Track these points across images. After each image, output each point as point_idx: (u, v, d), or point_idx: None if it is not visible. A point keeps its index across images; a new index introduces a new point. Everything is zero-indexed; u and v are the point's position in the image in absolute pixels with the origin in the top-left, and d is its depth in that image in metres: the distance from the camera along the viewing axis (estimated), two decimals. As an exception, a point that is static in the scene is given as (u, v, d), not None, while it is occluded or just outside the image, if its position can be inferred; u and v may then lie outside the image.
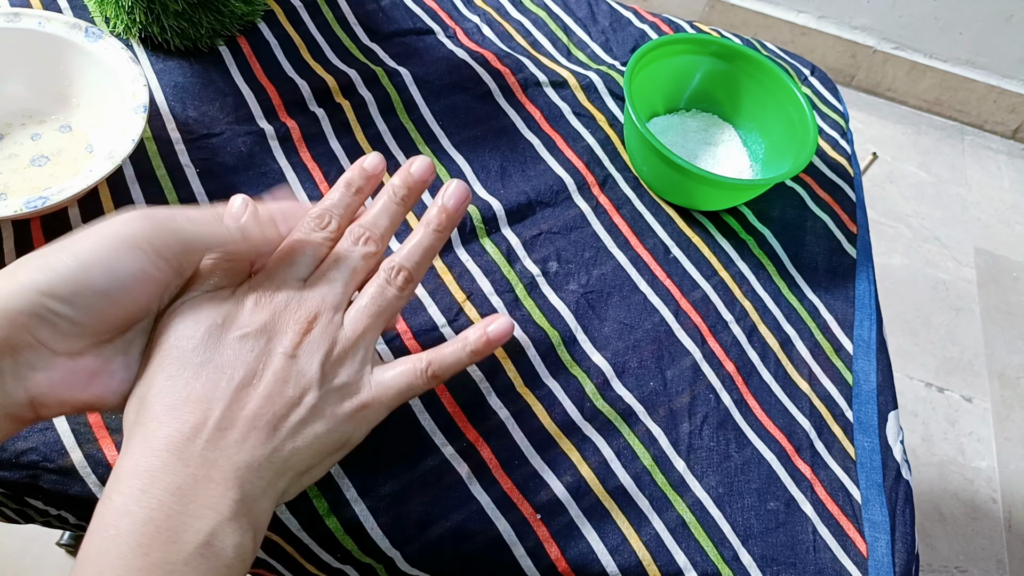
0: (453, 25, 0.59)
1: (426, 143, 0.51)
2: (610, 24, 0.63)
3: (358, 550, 0.36)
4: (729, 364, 0.46)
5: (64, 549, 0.92)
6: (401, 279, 0.34)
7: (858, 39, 1.67)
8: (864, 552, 0.41)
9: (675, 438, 0.42)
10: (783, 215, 0.54)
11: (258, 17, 0.54)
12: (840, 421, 0.46)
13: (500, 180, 0.50)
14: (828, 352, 0.49)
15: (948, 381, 1.30)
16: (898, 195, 1.57)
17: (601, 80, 0.58)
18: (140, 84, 0.43)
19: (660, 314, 0.47)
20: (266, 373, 0.30)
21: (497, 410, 0.41)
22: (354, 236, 0.34)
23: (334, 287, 0.33)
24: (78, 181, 0.39)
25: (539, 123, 0.54)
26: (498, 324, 0.35)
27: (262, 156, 0.47)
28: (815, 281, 0.52)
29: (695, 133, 0.57)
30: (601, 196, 0.52)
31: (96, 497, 0.35)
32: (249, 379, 0.30)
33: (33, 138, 0.44)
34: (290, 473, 0.30)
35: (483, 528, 0.37)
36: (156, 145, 0.46)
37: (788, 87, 0.53)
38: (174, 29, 0.49)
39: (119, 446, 0.36)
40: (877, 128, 1.70)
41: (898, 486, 0.44)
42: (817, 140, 0.51)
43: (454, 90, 0.54)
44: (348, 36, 0.55)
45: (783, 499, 0.42)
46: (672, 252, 0.50)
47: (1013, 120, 1.72)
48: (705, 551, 0.39)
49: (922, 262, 1.46)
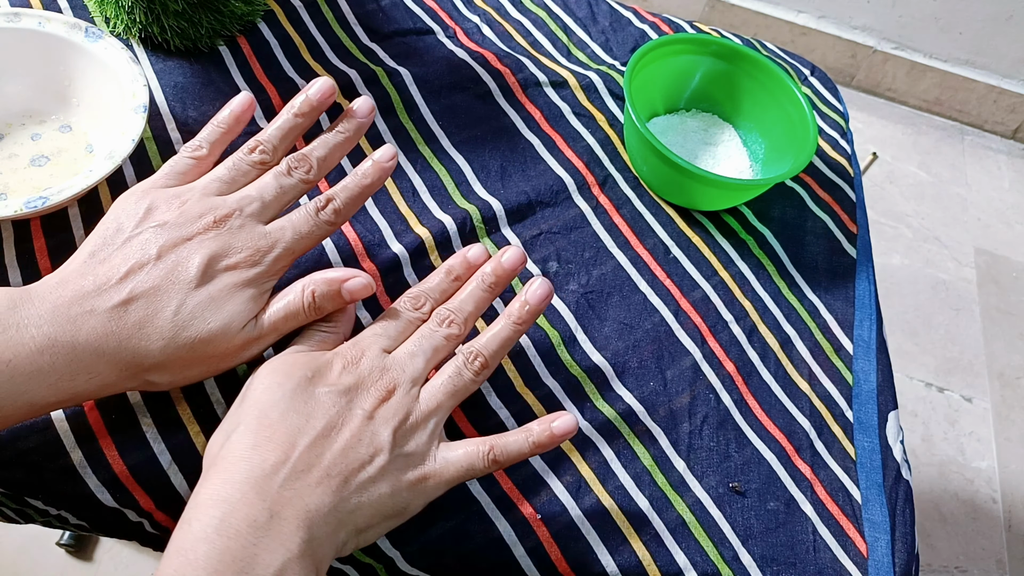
0: (453, 25, 0.59)
1: (426, 143, 0.51)
2: (610, 24, 0.63)
3: (358, 549, 0.36)
4: (729, 364, 0.46)
5: (64, 549, 0.92)
6: (478, 364, 0.37)
7: (858, 39, 1.67)
8: (864, 552, 0.41)
9: (675, 438, 0.42)
10: (783, 215, 0.54)
11: (258, 17, 0.54)
12: (840, 421, 0.46)
13: (500, 180, 0.50)
14: (828, 352, 0.49)
15: (948, 381, 1.31)
16: (898, 195, 1.57)
17: (601, 80, 0.58)
18: (140, 84, 0.43)
19: (660, 314, 0.47)
20: (344, 428, 0.33)
21: (497, 410, 0.41)
22: (440, 318, 0.37)
23: (415, 362, 0.36)
24: (78, 181, 0.39)
25: (539, 123, 0.54)
26: (563, 421, 0.37)
27: (262, 156, 0.47)
28: (815, 281, 0.52)
29: (695, 133, 0.57)
30: (601, 196, 0.52)
31: (96, 497, 0.35)
32: (329, 431, 0.33)
33: (33, 138, 0.45)
34: (351, 527, 0.32)
35: (483, 528, 0.37)
36: (156, 145, 0.46)
37: (788, 87, 0.53)
38: (174, 29, 0.49)
39: (119, 446, 0.36)
40: (877, 128, 1.70)
41: (898, 486, 0.44)
42: (817, 140, 0.51)
43: (454, 90, 0.54)
44: (348, 36, 0.55)
45: (783, 499, 0.42)
46: (672, 252, 0.50)
47: (1013, 120, 1.72)
48: (705, 551, 0.39)
49: (922, 262, 1.46)
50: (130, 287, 0.33)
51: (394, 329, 0.37)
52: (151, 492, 0.36)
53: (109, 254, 0.34)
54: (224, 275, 0.34)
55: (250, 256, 0.35)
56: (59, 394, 0.31)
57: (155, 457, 0.36)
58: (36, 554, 0.92)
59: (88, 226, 0.42)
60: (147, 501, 0.36)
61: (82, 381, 0.32)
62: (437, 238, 0.46)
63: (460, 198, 0.48)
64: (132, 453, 0.36)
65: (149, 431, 0.36)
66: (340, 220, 0.38)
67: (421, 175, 0.49)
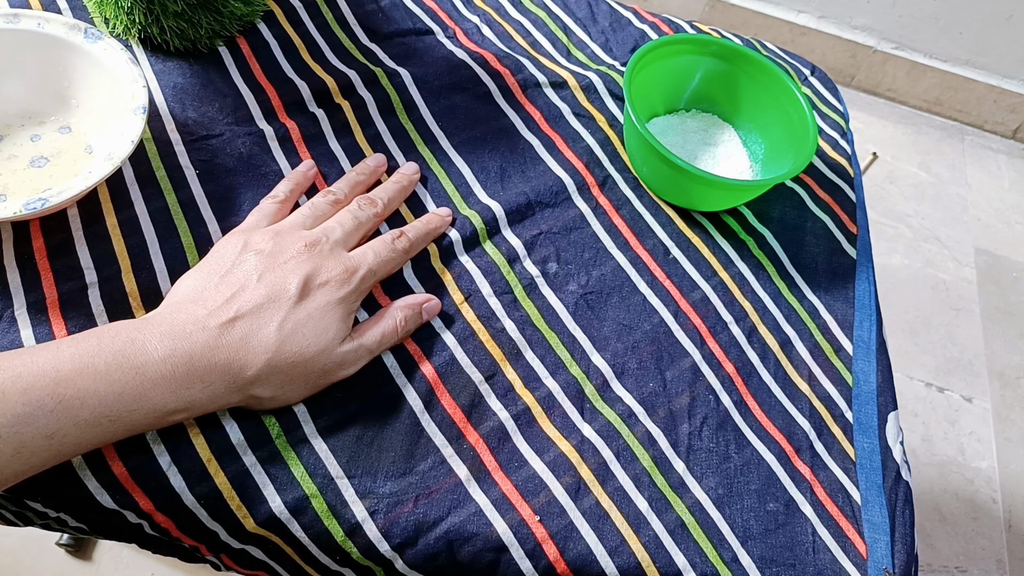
0: (453, 25, 0.59)
1: (426, 144, 0.51)
2: (610, 24, 0.63)
3: (357, 552, 0.36)
4: (729, 365, 0.46)
5: (64, 549, 0.92)
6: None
7: (858, 39, 1.66)
8: (863, 553, 0.41)
9: (675, 439, 0.42)
10: (783, 216, 0.54)
11: (257, 18, 0.54)
12: (840, 422, 0.46)
13: (500, 181, 0.50)
14: (828, 353, 0.49)
15: (948, 381, 1.30)
16: (898, 195, 1.57)
17: (601, 80, 0.57)
18: (139, 85, 0.43)
19: (659, 315, 0.47)
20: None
21: (497, 411, 0.41)
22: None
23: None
24: (77, 182, 0.39)
25: (539, 124, 0.54)
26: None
27: (262, 157, 0.47)
28: (815, 282, 0.52)
29: (695, 133, 0.57)
30: (601, 197, 0.52)
31: (95, 499, 0.35)
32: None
33: (32, 139, 0.44)
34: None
35: (482, 530, 0.37)
36: (156, 146, 0.46)
37: (788, 87, 0.53)
38: (173, 30, 0.49)
39: (118, 448, 0.36)
40: (877, 128, 1.69)
41: (898, 487, 0.44)
42: (817, 140, 0.51)
43: (453, 91, 0.54)
44: (348, 36, 0.55)
45: (783, 500, 0.42)
46: (672, 253, 0.50)
47: (1013, 120, 1.71)
48: (704, 552, 0.39)
49: (922, 262, 1.46)
50: (236, 306, 0.36)
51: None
52: (150, 494, 0.36)
53: (216, 283, 0.37)
54: (319, 293, 0.38)
55: (340, 275, 0.39)
56: (179, 401, 0.34)
57: (154, 459, 0.36)
58: (36, 554, 0.92)
59: (88, 226, 0.42)
60: (147, 503, 0.36)
61: (197, 390, 0.34)
62: (440, 245, 0.46)
63: (461, 203, 0.48)
64: (131, 455, 0.36)
65: (149, 433, 0.36)
66: (411, 248, 0.44)
67: (423, 181, 0.49)
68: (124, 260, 0.41)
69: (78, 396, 0.31)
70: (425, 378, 0.41)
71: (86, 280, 0.40)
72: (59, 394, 0.31)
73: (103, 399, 0.32)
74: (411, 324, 0.41)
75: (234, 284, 0.37)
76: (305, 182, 0.46)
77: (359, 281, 0.40)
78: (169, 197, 0.44)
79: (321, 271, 0.39)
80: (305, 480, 0.37)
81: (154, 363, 0.33)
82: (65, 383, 0.31)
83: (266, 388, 0.36)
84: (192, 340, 0.34)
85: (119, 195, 0.43)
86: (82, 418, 0.31)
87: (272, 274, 0.38)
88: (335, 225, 0.42)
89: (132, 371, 0.33)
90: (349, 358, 0.39)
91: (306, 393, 0.38)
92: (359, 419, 0.39)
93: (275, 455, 0.37)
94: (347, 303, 0.39)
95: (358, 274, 0.40)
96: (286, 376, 0.36)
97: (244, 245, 0.39)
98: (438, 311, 0.43)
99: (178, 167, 0.45)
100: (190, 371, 0.34)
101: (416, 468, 0.38)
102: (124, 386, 0.32)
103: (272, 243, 0.39)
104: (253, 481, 0.36)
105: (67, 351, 0.32)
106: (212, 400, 0.35)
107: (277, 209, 0.43)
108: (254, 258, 0.38)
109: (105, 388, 0.32)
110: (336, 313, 0.38)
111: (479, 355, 0.42)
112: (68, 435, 0.31)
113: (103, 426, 0.32)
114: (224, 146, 0.47)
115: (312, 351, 0.37)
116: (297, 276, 0.38)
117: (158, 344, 0.34)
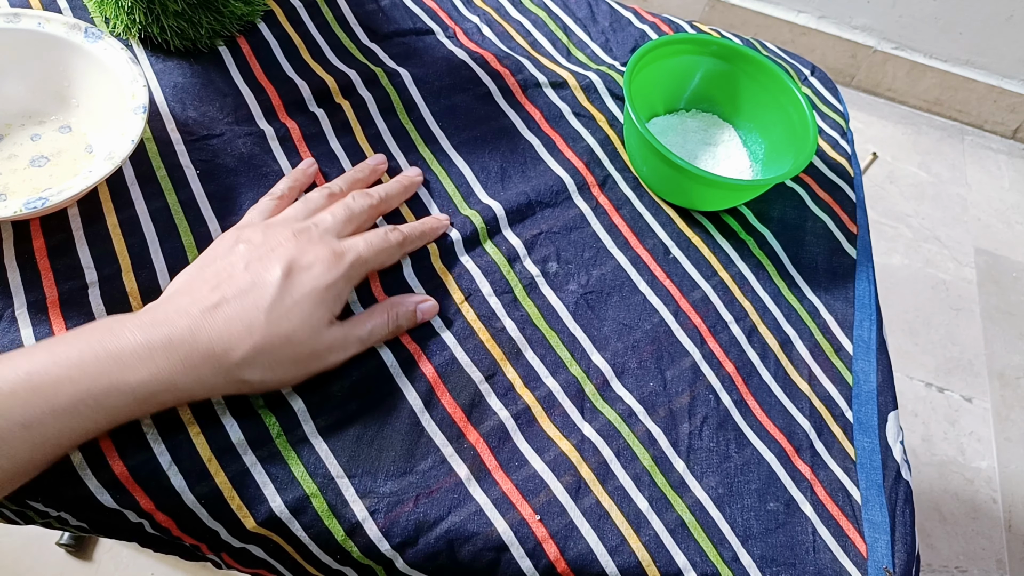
0: (453, 25, 0.59)
1: (426, 144, 0.51)
2: (610, 24, 0.63)
3: (357, 551, 0.36)
4: (729, 364, 0.46)
5: (64, 549, 0.92)
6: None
7: (858, 39, 1.66)
8: (864, 553, 0.41)
9: (675, 438, 0.42)
10: (783, 215, 0.54)
11: (258, 17, 0.54)
12: (840, 421, 0.46)
13: (500, 181, 0.50)
14: (828, 352, 0.49)
15: (948, 381, 1.30)
16: (898, 195, 1.57)
17: (601, 80, 0.57)
18: (140, 85, 0.43)
19: (660, 314, 0.47)
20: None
21: (497, 411, 0.41)
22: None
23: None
24: (77, 182, 0.39)
25: (539, 124, 0.54)
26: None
27: (262, 157, 0.47)
28: (815, 281, 0.52)
29: (695, 133, 0.57)
30: (601, 196, 0.52)
31: (96, 498, 0.35)
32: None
33: (33, 139, 0.44)
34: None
35: (483, 529, 0.37)
36: (156, 146, 0.46)
37: (788, 87, 0.53)
38: (174, 29, 0.49)
39: (119, 447, 0.36)
40: (877, 128, 1.69)
41: (898, 486, 0.44)
42: (817, 140, 0.51)
43: (454, 91, 0.54)
44: (348, 36, 0.55)
45: (783, 499, 0.42)
46: (672, 252, 0.50)
47: (1013, 120, 1.71)
48: (705, 552, 0.39)
49: (922, 262, 1.46)
50: (221, 293, 0.36)
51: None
52: (151, 493, 0.36)
53: (205, 275, 0.38)
54: (305, 276, 0.38)
55: (327, 259, 0.39)
56: (159, 382, 0.33)
57: (155, 458, 0.36)
58: (36, 554, 0.92)
59: (88, 225, 0.42)
60: (147, 502, 0.36)
61: (179, 372, 0.34)
62: (440, 244, 0.46)
63: (462, 202, 0.48)
64: (132, 454, 0.36)
65: (149, 432, 0.36)
66: (405, 242, 0.44)
67: (424, 183, 0.49)
68: (124, 259, 0.41)
69: (52, 383, 0.31)
70: (425, 377, 0.41)
71: (86, 279, 0.40)
72: (32, 383, 0.31)
73: (78, 384, 0.32)
74: (403, 320, 0.41)
75: (220, 273, 0.37)
76: (305, 180, 0.46)
77: (347, 267, 0.39)
78: (169, 197, 0.44)
79: (307, 254, 0.38)
80: (305, 479, 0.37)
81: (130, 348, 0.33)
82: (38, 373, 0.31)
83: (254, 371, 0.36)
84: (172, 325, 0.34)
85: (119, 194, 0.43)
86: (59, 404, 0.31)
87: (259, 262, 0.38)
88: (326, 214, 0.42)
89: (107, 357, 0.33)
90: (338, 343, 0.39)
91: (298, 376, 0.38)
92: (359, 418, 0.39)
93: (275, 454, 0.37)
94: (335, 288, 0.39)
95: (345, 259, 0.39)
96: (274, 358, 0.36)
97: (236, 239, 0.39)
98: (435, 313, 0.43)
99: (178, 167, 0.45)
100: (169, 353, 0.34)
101: (416, 467, 0.38)
102: (99, 371, 0.32)
103: (262, 235, 0.39)
104: (253, 480, 0.36)
105: (42, 345, 0.32)
106: (199, 384, 0.35)
107: (275, 206, 0.43)
108: (243, 248, 0.39)
109: (79, 374, 0.32)
110: (323, 296, 0.38)
111: (479, 354, 0.43)
112: (47, 424, 0.31)
113: (82, 413, 0.32)
114: (224, 146, 0.47)
115: (299, 334, 0.37)
116: (282, 260, 0.38)
117: (137, 331, 0.34)
